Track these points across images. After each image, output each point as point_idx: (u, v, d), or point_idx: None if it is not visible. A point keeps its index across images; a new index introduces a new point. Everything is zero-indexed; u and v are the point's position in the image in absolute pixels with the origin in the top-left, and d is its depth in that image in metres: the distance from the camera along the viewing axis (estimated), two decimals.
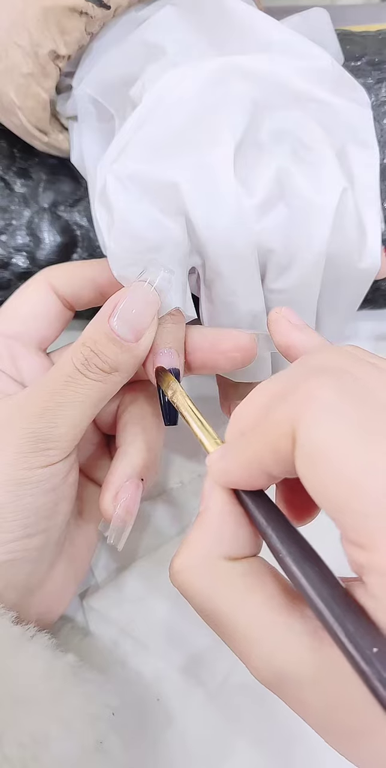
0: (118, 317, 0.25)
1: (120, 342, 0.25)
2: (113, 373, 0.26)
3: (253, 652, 0.19)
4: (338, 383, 0.18)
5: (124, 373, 0.26)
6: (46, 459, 0.25)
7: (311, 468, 0.18)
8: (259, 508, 0.21)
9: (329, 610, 0.17)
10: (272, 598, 0.20)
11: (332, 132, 0.29)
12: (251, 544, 0.21)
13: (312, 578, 0.18)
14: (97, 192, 0.28)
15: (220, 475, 0.22)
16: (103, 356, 0.25)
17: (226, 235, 0.27)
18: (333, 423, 0.17)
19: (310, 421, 0.18)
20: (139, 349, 0.26)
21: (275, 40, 0.29)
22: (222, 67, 0.27)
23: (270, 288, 0.30)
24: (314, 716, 0.19)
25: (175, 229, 0.27)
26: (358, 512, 0.16)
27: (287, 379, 0.21)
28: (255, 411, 0.21)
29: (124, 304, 0.25)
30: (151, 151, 0.27)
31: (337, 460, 0.17)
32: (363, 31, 0.39)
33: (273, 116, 0.29)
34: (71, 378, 0.25)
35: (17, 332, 0.29)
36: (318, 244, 0.28)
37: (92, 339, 0.25)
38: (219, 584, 0.20)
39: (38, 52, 0.27)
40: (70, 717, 0.23)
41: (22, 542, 0.25)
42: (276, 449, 0.19)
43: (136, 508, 0.27)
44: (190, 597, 0.21)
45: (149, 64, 0.29)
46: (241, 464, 0.21)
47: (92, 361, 0.25)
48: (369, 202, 0.30)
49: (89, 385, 0.25)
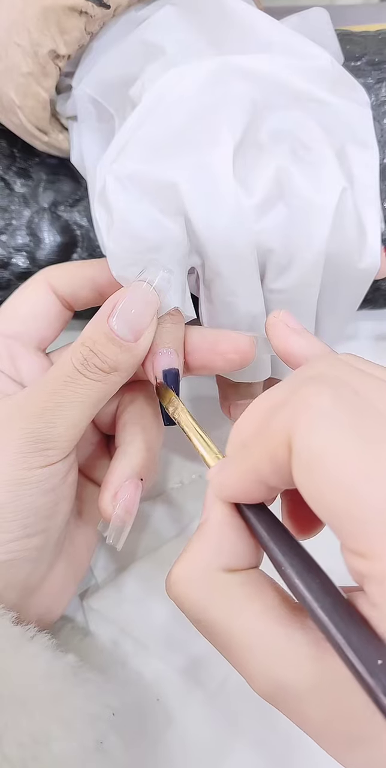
0: (117, 317, 0.25)
1: (119, 342, 0.25)
2: (112, 373, 0.25)
3: (251, 661, 0.19)
4: (334, 391, 0.18)
5: (123, 373, 0.26)
6: (46, 459, 0.25)
7: (307, 476, 0.17)
8: (260, 521, 0.21)
9: (332, 622, 0.17)
10: (271, 608, 0.20)
11: (332, 132, 0.29)
12: (251, 557, 0.21)
13: (315, 590, 0.18)
14: (97, 192, 0.28)
15: (220, 488, 0.21)
16: (102, 356, 0.25)
17: (226, 235, 0.27)
18: (329, 430, 0.17)
19: (306, 429, 0.18)
20: (138, 349, 0.26)
21: (275, 40, 0.29)
22: (221, 66, 0.27)
23: (269, 288, 0.30)
24: (313, 726, 0.19)
25: (175, 229, 0.27)
26: (357, 520, 0.16)
27: (285, 389, 0.21)
28: (254, 422, 0.21)
29: (123, 304, 0.25)
30: (150, 151, 0.27)
31: (334, 466, 0.17)
32: (363, 31, 0.39)
33: (273, 116, 0.29)
34: (70, 378, 0.25)
35: (16, 332, 0.29)
36: (318, 243, 0.28)
37: (91, 339, 0.25)
38: (216, 594, 0.20)
39: (38, 52, 0.27)
40: (71, 717, 0.23)
41: (22, 542, 0.25)
42: (273, 459, 0.19)
43: (135, 508, 0.27)
44: (186, 609, 0.21)
45: (149, 64, 0.29)
46: (239, 476, 0.21)
47: (91, 360, 0.25)
48: (369, 201, 0.30)
49: (88, 385, 0.25)
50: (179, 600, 0.21)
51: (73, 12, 0.27)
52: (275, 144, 0.29)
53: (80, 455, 0.31)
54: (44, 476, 0.25)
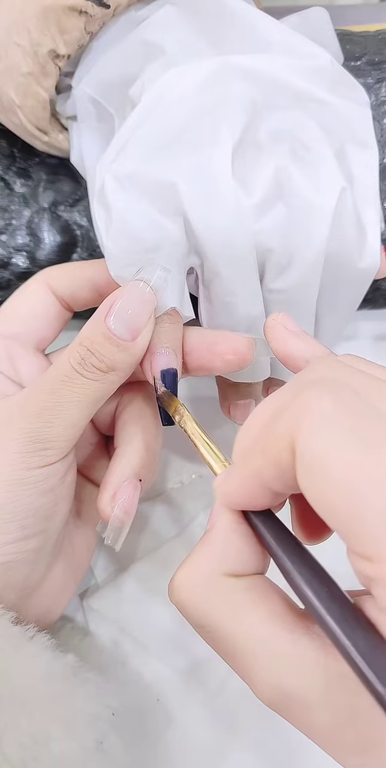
0: (114, 316, 0.25)
1: (116, 341, 0.25)
2: (110, 373, 0.25)
3: (254, 668, 0.19)
4: (334, 395, 0.18)
5: (121, 372, 0.26)
6: (44, 459, 0.25)
7: (311, 479, 0.17)
8: (267, 528, 0.20)
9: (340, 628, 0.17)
10: (276, 614, 0.19)
11: (331, 132, 0.29)
12: (257, 563, 0.21)
13: (322, 595, 0.18)
14: (96, 192, 0.28)
15: (225, 496, 0.21)
16: (99, 355, 0.25)
17: (225, 235, 0.27)
18: (330, 433, 0.17)
19: (308, 432, 0.17)
20: (136, 349, 0.26)
21: (275, 39, 0.29)
22: (221, 66, 0.27)
23: (269, 288, 0.30)
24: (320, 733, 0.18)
25: (173, 229, 0.27)
26: (361, 522, 0.16)
27: (286, 393, 0.21)
28: (257, 429, 0.21)
29: (121, 303, 0.25)
30: (149, 151, 0.27)
31: (335, 469, 0.17)
32: (363, 31, 0.39)
33: (273, 116, 0.29)
34: (68, 377, 0.25)
35: (15, 333, 0.29)
36: (317, 243, 0.28)
37: (89, 338, 0.25)
38: (220, 599, 0.20)
39: (38, 52, 0.27)
40: (71, 717, 0.23)
41: (20, 544, 0.25)
42: (277, 463, 0.19)
43: (133, 509, 0.27)
44: (189, 614, 0.21)
45: (148, 64, 0.29)
46: (244, 483, 0.20)
47: (89, 360, 0.25)
48: (369, 201, 0.30)
49: (86, 385, 0.25)
50: (182, 605, 0.21)
51: (72, 12, 0.27)
52: (274, 144, 0.29)
53: (79, 456, 0.31)
54: (43, 476, 0.25)
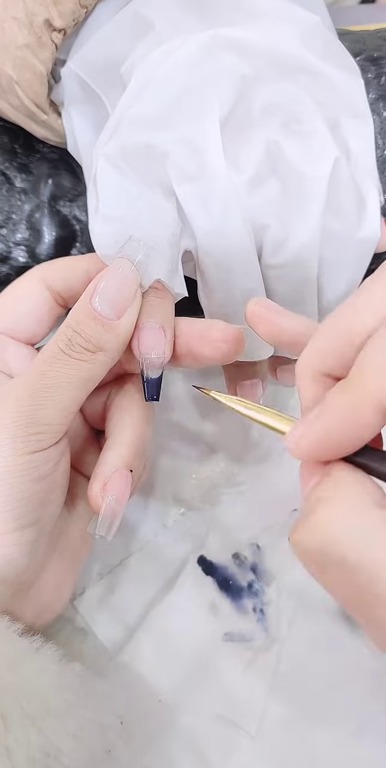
0: (99, 296, 0.25)
1: (101, 320, 0.25)
2: (98, 353, 0.25)
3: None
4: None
5: (109, 352, 0.26)
6: (37, 444, 0.25)
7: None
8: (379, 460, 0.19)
9: None
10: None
11: (325, 104, 0.29)
12: None
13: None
14: (92, 177, 0.28)
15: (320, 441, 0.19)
16: (85, 335, 0.25)
17: (218, 212, 0.27)
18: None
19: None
20: (122, 327, 0.26)
21: (264, 8, 0.29)
22: (211, 40, 0.27)
23: (267, 264, 0.29)
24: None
25: (165, 205, 0.27)
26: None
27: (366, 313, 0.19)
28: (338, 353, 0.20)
29: (104, 282, 0.25)
30: (140, 129, 0.27)
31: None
32: (362, 30, 0.39)
33: (264, 90, 0.28)
34: (56, 359, 0.25)
35: (7, 327, 0.29)
36: (314, 215, 0.28)
37: (75, 320, 0.25)
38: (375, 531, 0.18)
39: (33, 21, 0.28)
40: (81, 729, 0.22)
41: (15, 535, 0.25)
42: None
43: (125, 499, 0.26)
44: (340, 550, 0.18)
45: (138, 41, 0.29)
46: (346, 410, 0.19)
47: (75, 341, 0.25)
48: (367, 172, 0.29)
49: (74, 365, 0.25)
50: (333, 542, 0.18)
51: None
52: (266, 118, 0.29)
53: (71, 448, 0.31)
54: (36, 462, 0.25)
